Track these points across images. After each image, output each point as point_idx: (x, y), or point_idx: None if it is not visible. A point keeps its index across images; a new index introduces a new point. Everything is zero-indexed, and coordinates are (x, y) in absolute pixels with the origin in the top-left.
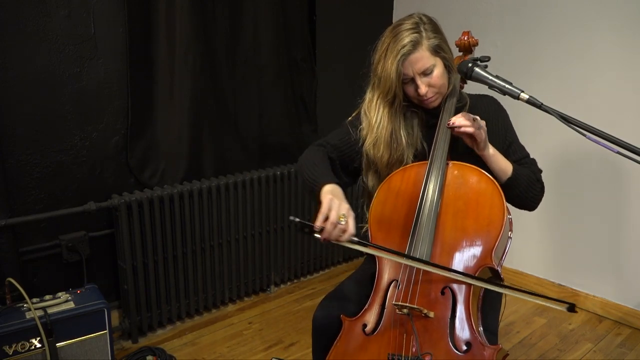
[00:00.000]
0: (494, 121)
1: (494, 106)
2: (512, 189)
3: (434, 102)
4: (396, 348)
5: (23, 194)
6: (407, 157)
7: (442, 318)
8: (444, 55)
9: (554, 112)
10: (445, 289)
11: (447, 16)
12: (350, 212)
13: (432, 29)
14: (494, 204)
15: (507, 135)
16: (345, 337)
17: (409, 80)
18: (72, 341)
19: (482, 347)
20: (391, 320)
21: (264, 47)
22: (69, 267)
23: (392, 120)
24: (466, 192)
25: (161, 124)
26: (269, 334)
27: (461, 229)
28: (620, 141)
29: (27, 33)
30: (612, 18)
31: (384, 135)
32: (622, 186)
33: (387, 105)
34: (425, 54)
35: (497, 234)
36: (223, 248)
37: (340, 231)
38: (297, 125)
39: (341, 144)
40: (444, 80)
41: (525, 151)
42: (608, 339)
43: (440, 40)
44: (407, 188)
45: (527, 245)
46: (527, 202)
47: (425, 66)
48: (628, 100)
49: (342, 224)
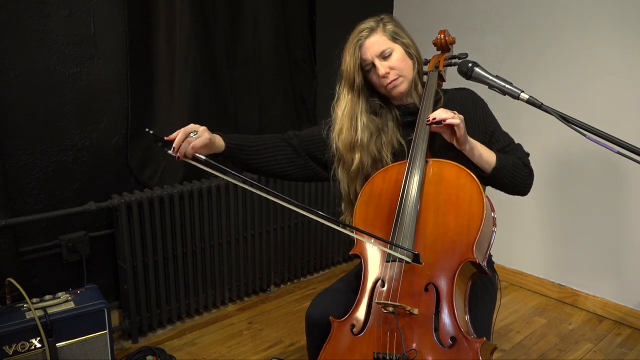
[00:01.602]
0: (471, 112)
1: (471, 97)
2: (499, 178)
3: (399, 86)
4: (381, 347)
5: (23, 194)
6: (386, 156)
7: (427, 314)
8: (403, 41)
9: (554, 112)
10: (428, 285)
11: (447, 16)
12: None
13: (390, 20)
14: (473, 199)
15: (487, 125)
16: (334, 339)
17: (370, 67)
18: (72, 341)
19: (466, 340)
20: (377, 320)
21: (264, 47)
22: (69, 267)
23: (353, 105)
24: (446, 188)
25: (161, 124)
26: (269, 334)
27: (442, 224)
28: (620, 141)
29: (27, 33)
30: (612, 18)
31: (346, 120)
32: (622, 186)
33: (349, 92)
34: (381, 38)
35: (477, 228)
36: (223, 248)
37: (187, 143)
38: (297, 125)
39: (307, 135)
40: (404, 64)
41: (508, 138)
42: (608, 339)
43: (398, 28)
44: (388, 188)
45: (527, 245)
46: (517, 188)
47: (381, 48)
48: (628, 100)
49: (191, 137)
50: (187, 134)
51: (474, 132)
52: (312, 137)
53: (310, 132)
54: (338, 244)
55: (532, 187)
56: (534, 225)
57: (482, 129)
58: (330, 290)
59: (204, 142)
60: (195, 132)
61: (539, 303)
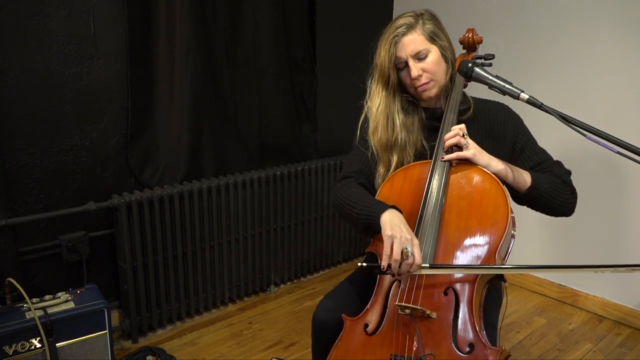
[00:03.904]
0: (501, 127)
1: (503, 111)
2: (536, 198)
3: (429, 90)
4: (399, 349)
5: (23, 194)
6: (408, 155)
7: (445, 319)
8: (441, 44)
9: (554, 112)
10: (448, 289)
11: (448, 16)
12: (413, 240)
13: (430, 18)
14: (498, 204)
15: (518, 140)
16: (346, 337)
17: (404, 66)
18: (72, 341)
19: (485, 348)
20: (393, 321)
21: (264, 47)
22: (69, 267)
23: (388, 103)
24: (470, 192)
25: (161, 124)
26: (269, 334)
27: (465, 228)
28: (620, 141)
29: (27, 33)
30: (612, 18)
31: (381, 119)
32: (622, 186)
33: (384, 89)
34: (419, 37)
35: (501, 234)
36: (223, 248)
37: (408, 265)
38: (297, 125)
39: (363, 166)
40: (438, 67)
41: (544, 155)
42: (608, 339)
43: (437, 28)
44: (410, 187)
45: (527, 245)
46: (559, 209)
47: (417, 49)
48: (628, 100)
49: (408, 260)
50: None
51: (499, 147)
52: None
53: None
54: (338, 244)
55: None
56: (535, 226)
57: (510, 146)
58: (338, 291)
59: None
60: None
61: (539, 303)
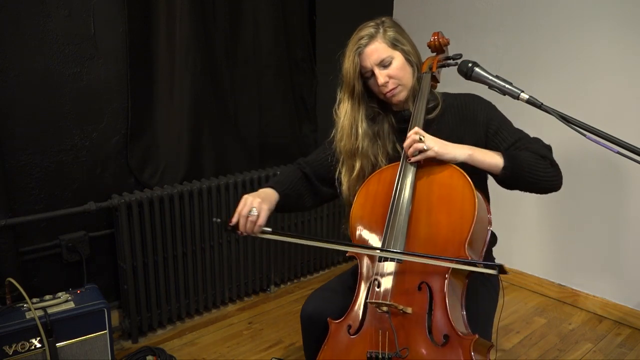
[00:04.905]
0: (471, 111)
1: (472, 100)
2: (515, 178)
3: (397, 94)
4: (375, 346)
5: (23, 194)
6: (381, 162)
7: (420, 313)
8: (403, 48)
9: (554, 112)
10: (422, 284)
11: (447, 16)
12: (262, 205)
13: (391, 25)
14: (465, 197)
15: (491, 124)
16: (332, 340)
17: (370, 75)
18: (72, 341)
19: (458, 337)
20: (373, 320)
21: (264, 47)
22: (69, 267)
23: (353, 112)
24: (438, 187)
25: (161, 124)
26: (269, 334)
27: (434, 224)
28: (620, 141)
29: (27, 33)
30: (611, 18)
31: (346, 127)
32: (622, 186)
33: (349, 98)
34: (381, 45)
35: (469, 227)
36: (223, 248)
37: (252, 223)
38: (297, 125)
39: (315, 158)
40: (404, 72)
41: (519, 134)
42: (608, 339)
43: (399, 34)
44: (383, 189)
45: (527, 245)
46: (542, 184)
47: (381, 57)
48: (628, 100)
49: (252, 216)
50: (246, 216)
51: (470, 134)
52: (318, 162)
53: (315, 157)
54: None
55: (562, 180)
56: (534, 225)
57: (482, 130)
58: (325, 288)
59: (265, 218)
60: (253, 209)
61: (539, 303)
